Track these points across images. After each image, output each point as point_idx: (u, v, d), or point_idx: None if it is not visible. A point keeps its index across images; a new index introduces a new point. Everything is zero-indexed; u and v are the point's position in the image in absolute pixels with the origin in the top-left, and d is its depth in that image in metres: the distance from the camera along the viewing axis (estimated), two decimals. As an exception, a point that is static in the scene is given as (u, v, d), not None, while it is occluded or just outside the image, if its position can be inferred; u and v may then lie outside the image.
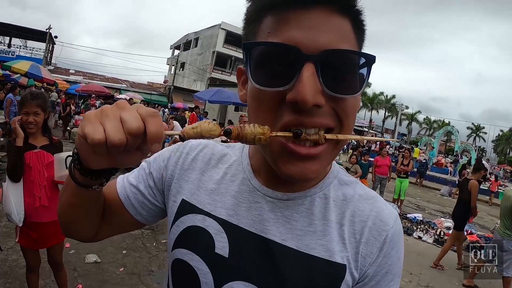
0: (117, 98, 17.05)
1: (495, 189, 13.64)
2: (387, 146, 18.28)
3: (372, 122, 46.64)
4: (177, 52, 39.11)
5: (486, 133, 51.81)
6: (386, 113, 46.03)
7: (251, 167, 0.61)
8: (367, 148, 18.18)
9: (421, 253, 5.20)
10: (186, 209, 0.60)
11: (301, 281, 0.51)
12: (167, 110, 19.93)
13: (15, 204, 1.99)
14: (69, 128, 10.27)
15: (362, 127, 40.70)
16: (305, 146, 0.47)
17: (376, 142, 20.08)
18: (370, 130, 42.73)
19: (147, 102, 21.21)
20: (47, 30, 25.26)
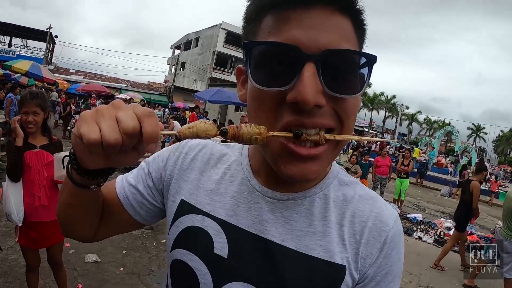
0: (117, 97, 17.04)
1: (496, 189, 13.68)
2: (388, 146, 18.29)
3: (372, 122, 46.66)
4: (177, 52, 39.09)
5: (486, 133, 51.94)
6: (387, 113, 46.02)
7: (251, 167, 0.61)
8: (368, 148, 18.20)
9: (421, 253, 5.19)
10: (185, 209, 0.60)
11: (300, 282, 0.51)
12: (168, 110, 19.95)
13: (15, 203, 1.99)
14: (69, 127, 10.28)
15: (362, 127, 40.71)
16: (305, 146, 0.47)
17: (376, 142, 20.05)
18: (371, 130, 42.75)
19: (148, 102, 21.20)
20: (48, 30, 25.31)
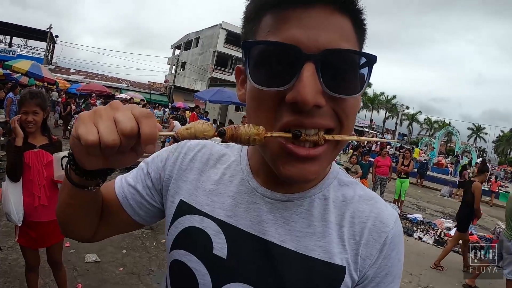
0: (117, 97, 17.05)
1: (496, 189, 13.68)
2: (388, 147, 18.28)
3: (372, 122, 46.65)
4: (177, 51, 39.11)
5: (486, 133, 51.99)
6: (387, 113, 46.03)
7: (250, 168, 0.60)
8: (368, 148, 18.17)
9: (421, 253, 5.18)
10: (184, 209, 0.60)
11: (300, 282, 0.51)
12: (168, 109, 19.96)
13: (15, 203, 1.99)
14: (69, 127, 10.29)
15: (362, 127, 40.70)
16: (304, 147, 0.46)
17: (376, 143, 20.05)
18: (371, 131, 42.70)
19: (148, 102, 21.23)
20: (48, 30, 25.33)
